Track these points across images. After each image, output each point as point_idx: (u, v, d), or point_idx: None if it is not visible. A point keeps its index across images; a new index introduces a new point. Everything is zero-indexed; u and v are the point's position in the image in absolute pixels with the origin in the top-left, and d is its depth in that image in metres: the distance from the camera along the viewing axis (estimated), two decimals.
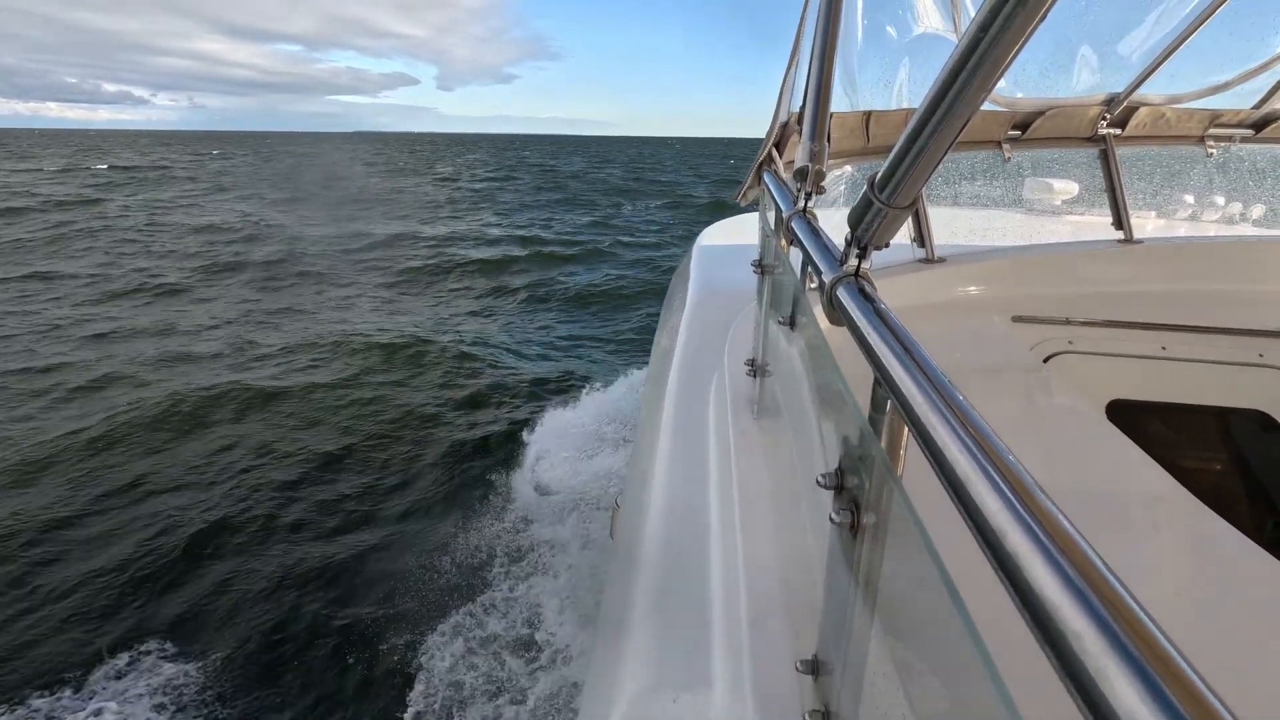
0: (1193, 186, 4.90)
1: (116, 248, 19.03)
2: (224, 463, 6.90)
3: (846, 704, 0.79)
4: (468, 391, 8.78)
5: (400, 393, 8.77)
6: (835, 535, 0.81)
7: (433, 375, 9.37)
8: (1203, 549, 1.35)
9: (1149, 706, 0.29)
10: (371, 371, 9.47)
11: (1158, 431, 2.55)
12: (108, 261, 17.09)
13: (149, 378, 9.10)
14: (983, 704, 0.43)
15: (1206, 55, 2.88)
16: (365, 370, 9.49)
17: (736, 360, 2.16)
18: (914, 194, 0.76)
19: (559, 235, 21.85)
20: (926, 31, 2.40)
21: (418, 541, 5.67)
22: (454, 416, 8.05)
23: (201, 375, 9.21)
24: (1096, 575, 0.36)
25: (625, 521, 1.87)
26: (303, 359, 9.96)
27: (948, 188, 4.59)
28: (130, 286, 14.41)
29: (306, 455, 7.03)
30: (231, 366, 9.67)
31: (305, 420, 7.91)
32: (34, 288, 14.30)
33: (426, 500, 6.31)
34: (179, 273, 15.87)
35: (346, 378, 9.17)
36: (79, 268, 16.24)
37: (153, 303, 13.42)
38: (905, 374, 0.62)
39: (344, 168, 55.14)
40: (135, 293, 14.02)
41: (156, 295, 13.93)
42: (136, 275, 15.46)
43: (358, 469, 6.82)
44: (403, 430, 7.67)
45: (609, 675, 1.26)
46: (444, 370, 9.52)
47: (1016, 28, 0.51)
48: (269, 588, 5.14)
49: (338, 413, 8.13)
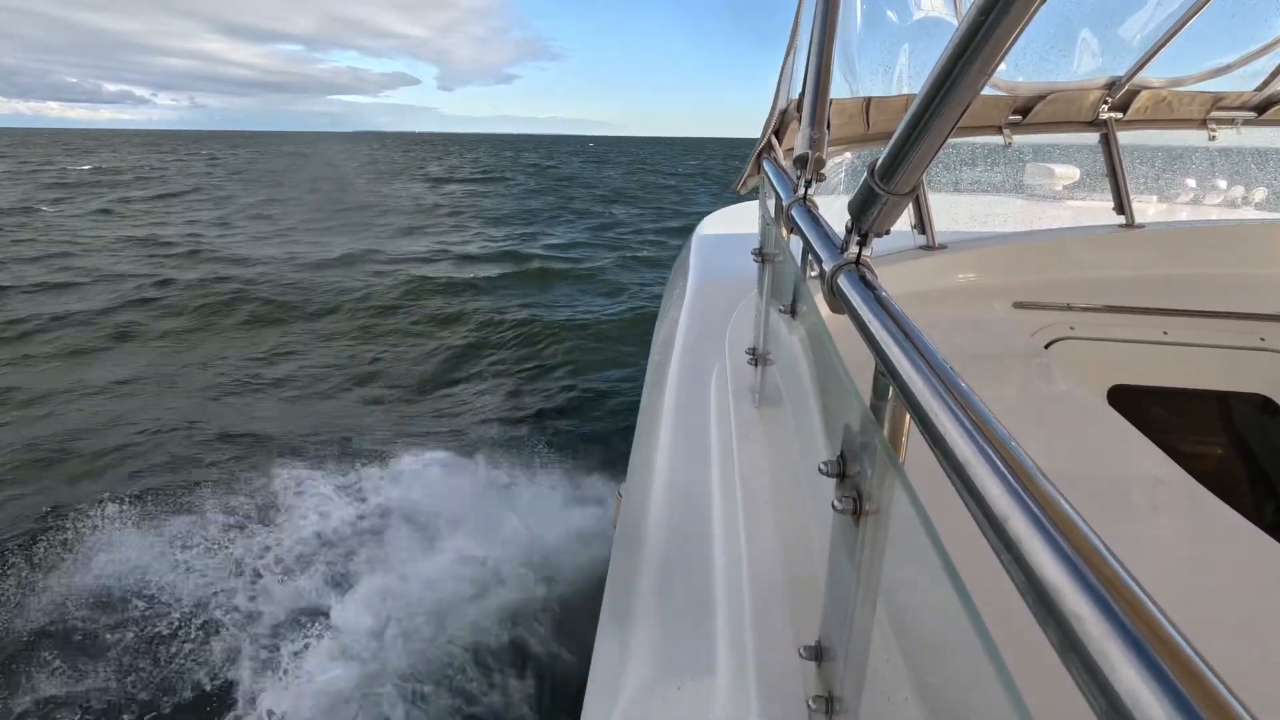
0: (1194, 170, 4.88)
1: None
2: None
3: (849, 689, 0.80)
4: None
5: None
6: (837, 522, 0.81)
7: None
8: (1204, 533, 1.36)
9: (1151, 688, 0.29)
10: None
11: (1159, 416, 2.55)
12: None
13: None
14: (986, 688, 0.44)
15: (1208, 38, 2.86)
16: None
17: (738, 349, 2.16)
18: (915, 180, 0.76)
19: (545, 252, 17.68)
20: (926, 16, 2.38)
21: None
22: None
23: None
24: (1098, 559, 0.36)
25: (627, 510, 1.87)
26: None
27: (948, 174, 4.57)
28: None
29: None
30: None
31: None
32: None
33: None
34: (32, 305, 11.68)
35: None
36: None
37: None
38: (906, 361, 0.62)
39: (333, 169, 51.74)
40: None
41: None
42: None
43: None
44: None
45: (613, 663, 1.27)
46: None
47: (1017, 11, 0.51)
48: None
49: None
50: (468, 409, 7.96)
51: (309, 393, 8.55)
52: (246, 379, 8.92)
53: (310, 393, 8.55)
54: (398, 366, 9.47)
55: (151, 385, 8.60)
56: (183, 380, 8.82)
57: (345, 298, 12.58)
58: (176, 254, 16.79)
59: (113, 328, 10.82)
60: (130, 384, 8.62)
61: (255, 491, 5.85)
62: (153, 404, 7.96)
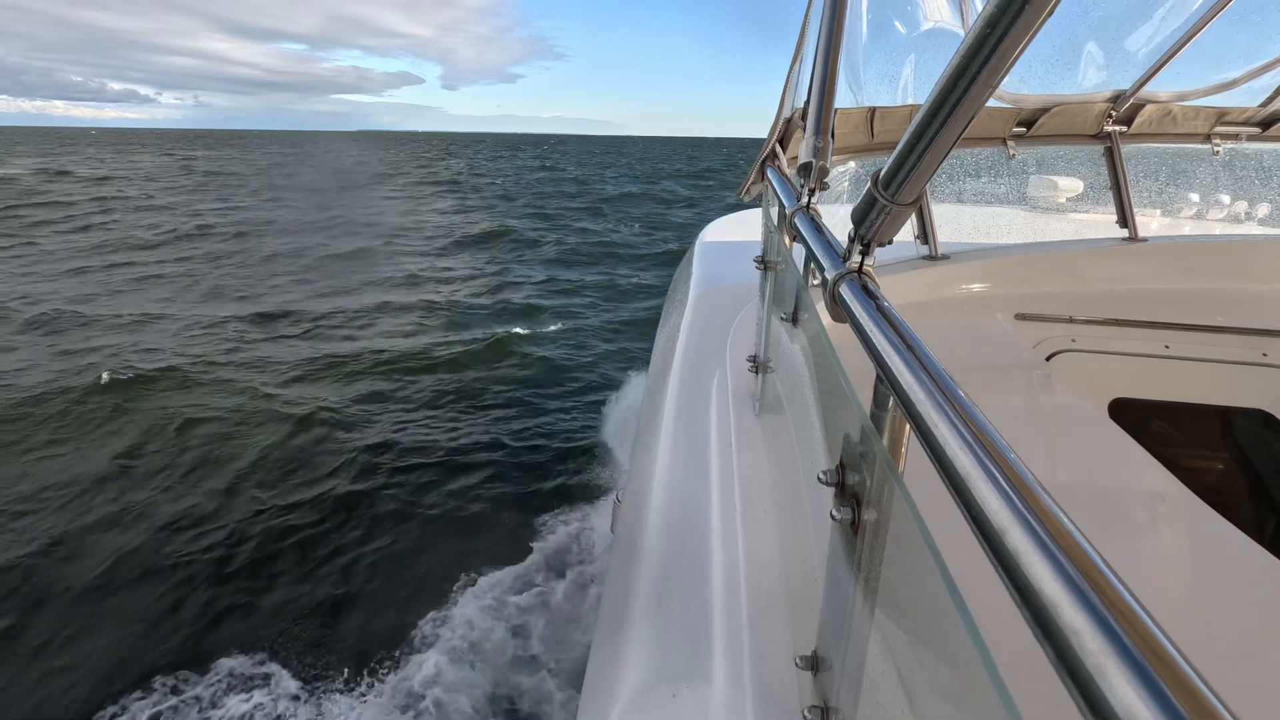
0: (1198, 185, 4.89)
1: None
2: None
3: (846, 700, 0.79)
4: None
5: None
6: (836, 532, 0.81)
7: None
8: (1204, 548, 1.35)
9: (1148, 705, 0.29)
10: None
11: (1160, 430, 2.54)
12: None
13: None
14: (982, 701, 0.43)
15: (1213, 52, 2.86)
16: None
17: (739, 356, 2.16)
18: (918, 191, 0.76)
19: (516, 304, 13.74)
20: (933, 26, 2.39)
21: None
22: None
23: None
24: (1097, 574, 0.36)
25: (627, 516, 1.87)
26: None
27: (952, 185, 4.58)
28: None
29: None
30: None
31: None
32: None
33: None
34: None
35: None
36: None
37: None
38: (907, 371, 0.62)
39: (317, 174, 48.31)
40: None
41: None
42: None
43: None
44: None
45: (609, 669, 1.26)
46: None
47: (1023, 23, 0.51)
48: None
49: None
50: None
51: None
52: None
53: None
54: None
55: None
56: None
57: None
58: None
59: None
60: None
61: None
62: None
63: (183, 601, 5.30)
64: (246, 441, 7.64)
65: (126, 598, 5.34)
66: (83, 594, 5.36)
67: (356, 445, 7.51)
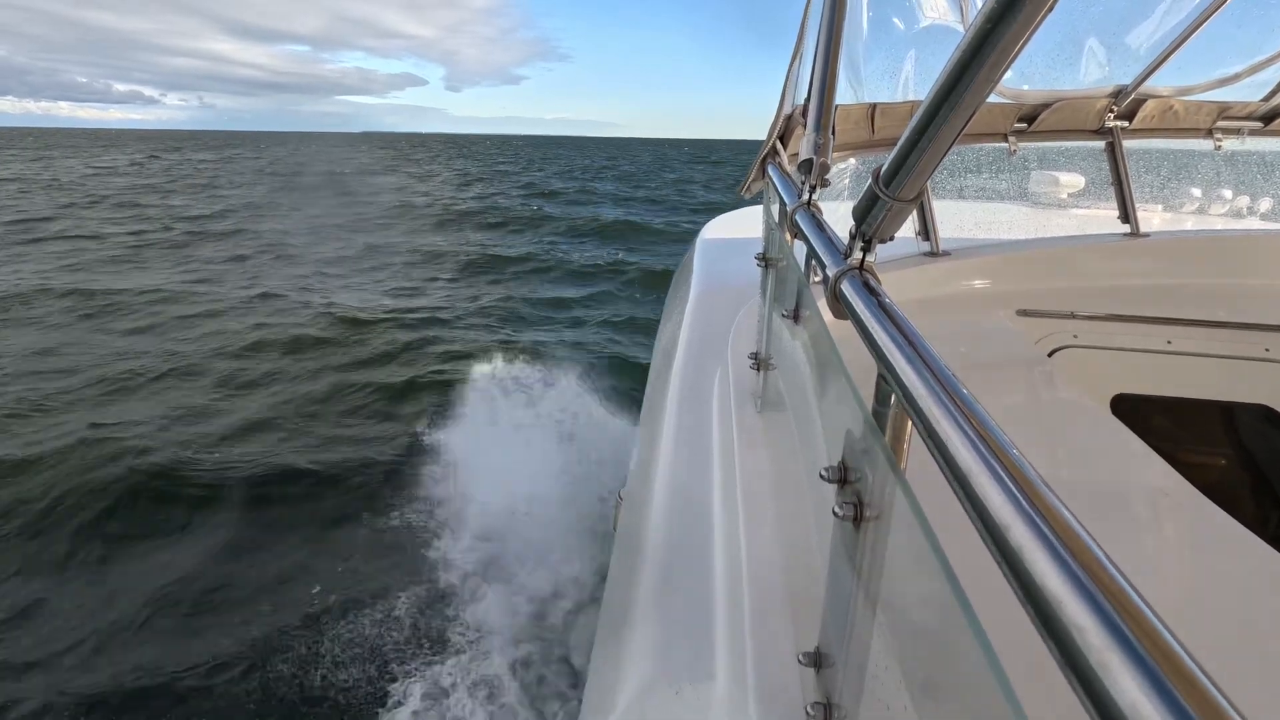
0: (1200, 180, 4.87)
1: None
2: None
3: (848, 697, 0.79)
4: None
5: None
6: (838, 529, 0.81)
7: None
8: (1207, 544, 1.35)
9: (1152, 700, 0.29)
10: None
11: (1162, 426, 2.54)
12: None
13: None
14: (985, 698, 0.43)
15: (1215, 47, 2.85)
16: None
17: (740, 354, 2.16)
18: (919, 187, 0.76)
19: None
20: (933, 22, 2.39)
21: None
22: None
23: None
24: (1100, 569, 0.36)
25: (628, 514, 1.87)
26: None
27: (953, 181, 4.57)
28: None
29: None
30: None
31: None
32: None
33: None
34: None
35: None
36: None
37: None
38: (909, 367, 0.62)
39: (301, 181, 43.24)
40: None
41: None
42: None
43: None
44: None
45: (611, 667, 1.27)
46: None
47: (1024, 19, 0.51)
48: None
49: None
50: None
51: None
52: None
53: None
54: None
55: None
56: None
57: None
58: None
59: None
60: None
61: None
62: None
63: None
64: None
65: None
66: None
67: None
